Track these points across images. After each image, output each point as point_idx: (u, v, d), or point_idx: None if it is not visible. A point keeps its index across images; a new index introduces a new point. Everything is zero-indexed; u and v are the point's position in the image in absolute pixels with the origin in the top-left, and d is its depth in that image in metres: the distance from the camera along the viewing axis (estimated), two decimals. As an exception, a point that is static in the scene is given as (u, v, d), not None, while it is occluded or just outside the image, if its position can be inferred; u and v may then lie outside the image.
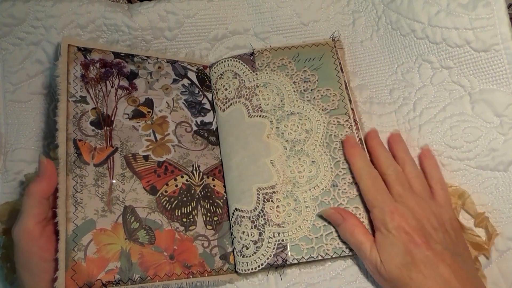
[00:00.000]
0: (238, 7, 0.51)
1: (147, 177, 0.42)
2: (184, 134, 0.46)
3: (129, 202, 0.40)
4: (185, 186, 0.43)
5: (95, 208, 0.39)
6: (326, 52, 0.48)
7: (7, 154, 0.48)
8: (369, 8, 0.49)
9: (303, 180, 0.43)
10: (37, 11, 0.48)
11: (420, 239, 0.36)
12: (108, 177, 0.40)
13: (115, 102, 0.43)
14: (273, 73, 0.48)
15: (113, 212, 0.39)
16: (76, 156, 0.39)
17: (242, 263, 0.42)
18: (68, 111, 0.40)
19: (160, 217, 0.41)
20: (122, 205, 0.40)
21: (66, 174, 0.38)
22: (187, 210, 0.43)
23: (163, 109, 0.46)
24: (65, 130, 0.40)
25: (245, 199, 0.44)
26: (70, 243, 0.36)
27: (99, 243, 0.37)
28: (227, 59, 0.49)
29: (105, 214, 0.39)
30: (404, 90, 0.47)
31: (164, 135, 0.45)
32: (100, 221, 0.38)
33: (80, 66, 0.43)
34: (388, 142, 0.45)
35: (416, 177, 0.41)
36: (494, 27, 0.41)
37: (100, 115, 0.42)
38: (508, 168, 0.43)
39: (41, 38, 0.48)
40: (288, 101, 0.46)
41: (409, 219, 0.37)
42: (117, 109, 0.43)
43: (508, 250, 0.41)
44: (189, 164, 0.45)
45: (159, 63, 0.47)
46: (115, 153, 0.41)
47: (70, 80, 0.41)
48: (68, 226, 0.37)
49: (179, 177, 0.44)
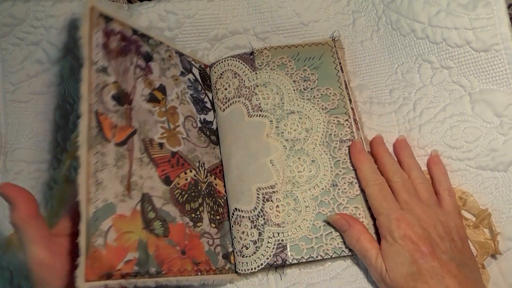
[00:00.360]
0: (238, 7, 0.51)
1: (162, 166, 0.40)
2: (191, 129, 0.44)
3: (147, 189, 0.38)
4: (193, 181, 0.42)
5: (115, 191, 0.35)
6: (326, 52, 0.48)
7: (7, 154, 0.48)
8: (369, 8, 0.49)
9: (303, 179, 0.43)
10: (37, 11, 0.48)
11: (426, 249, 0.36)
12: (128, 159, 0.37)
13: (134, 81, 0.40)
14: (273, 72, 0.48)
15: (132, 198, 0.36)
16: (98, 130, 0.35)
17: (242, 263, 0.42)
18: (91, 79, 0.36)
19: (173, 209, 0.39)
20: (140, 192, 0.37)
21: (87, 149, 0.34)
22: (195, 206, 0.41)
23: (174, 99, 0.44)
24: (88, 100, 0.35)
25: (245, 199, 0.44)
26: (91, 226, 0.32)
27: (118, 230, 0.34)
28: (227, 58, 0.49)
29: (124, 199, 0.36)
30: (404, 90, 0.47)
31: (175, 125, 0.43)
32: (120, 206, 0.35)
33: (102, 33, 0.38)
34: (394, 148, 0.45)
35: (423, 183, 0.41)
36: (494, 27, 0.41)
37: (120, 90, 0.38)
38: (508, 168, 0.43)
39: (41, 38, 0.49)
40: (288, 100, 0.46)
41: (415, 227, 0.37)
42: (136, 89, 0.40)
43: (508, 250, 0.41)
44: (195, 159, 0.43)
45: (170, 52, 0.45)
46: (134, 134, 0.38)
47: (92, 46, 0.37)
48: (89, 208, 0.33)
49: (188, 171, 0.42)
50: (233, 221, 0.44)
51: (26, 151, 0.48)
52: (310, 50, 0.48)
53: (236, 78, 0.48)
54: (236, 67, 0.49)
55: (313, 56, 0.48)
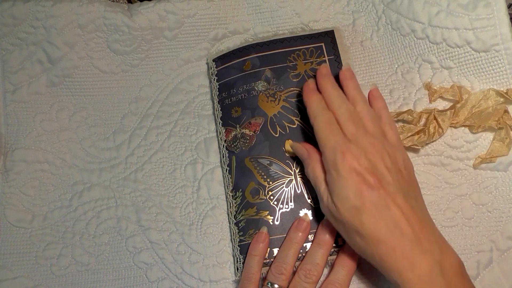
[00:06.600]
0: (238, 7, 0.51)
1: None
2: None
3: None
4: None
5: None
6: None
7: (7, 154, 0.48)
8: (369, 8, 0.49)
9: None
10: (37, 11, 0.48)
11: (372, 179, 0.35)
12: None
13: None
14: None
15: None
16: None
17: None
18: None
19: None
20: None
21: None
22: None
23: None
24: None
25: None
26: None
27: None
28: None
29: None
30: (404, 90, 0.47)
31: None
32: None
33: None
34: (339, 80, 0.44)
35: (368, 115, 0.40)
36: (494, 28, 0.41)
37: None
38: (508, 168, 0.43)
39: (41, 38, 0.48)
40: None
41: (361, 159, 0.36)
42: None
43: (509, 249, 0.41)
44: None
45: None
46: None
47: None
48: None
49: None
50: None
51: (26, 151, 0.48)
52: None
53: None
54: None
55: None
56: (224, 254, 0.45)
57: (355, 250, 0.37)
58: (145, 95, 0.50)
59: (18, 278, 0.45)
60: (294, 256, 0.41)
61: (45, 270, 0.46)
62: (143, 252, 0.46)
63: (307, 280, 0.39)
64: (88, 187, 0.48)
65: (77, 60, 0.49)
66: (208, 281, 0.44)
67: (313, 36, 0.48)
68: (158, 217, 0.46)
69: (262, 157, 0.44)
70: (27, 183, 0.48)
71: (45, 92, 0.49)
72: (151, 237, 0.46)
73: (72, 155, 0.49)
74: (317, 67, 0.46)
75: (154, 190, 0.47)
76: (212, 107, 0.49)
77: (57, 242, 0.46)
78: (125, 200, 0.47)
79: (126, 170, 0.48)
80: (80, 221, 0.47)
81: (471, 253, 0.42)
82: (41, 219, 0.47)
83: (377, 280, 0.42)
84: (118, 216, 0.47)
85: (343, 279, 0.39)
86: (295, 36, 0.48)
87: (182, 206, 0.47)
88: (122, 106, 0.50)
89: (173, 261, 0.45)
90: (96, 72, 0.50)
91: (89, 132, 0.49)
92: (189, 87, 0.50)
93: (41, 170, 0.48)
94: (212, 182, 0.47)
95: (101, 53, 0.50)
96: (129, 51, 0.50)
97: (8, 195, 0.47)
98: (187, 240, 0.45)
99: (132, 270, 0.45)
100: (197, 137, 0.48)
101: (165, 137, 0.49)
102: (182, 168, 0.48)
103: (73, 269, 0.46)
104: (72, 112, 0.50)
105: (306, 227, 0.42)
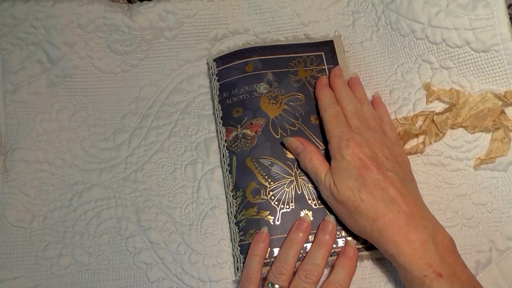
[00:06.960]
0: (238, 7, 0.51)
1: None
2: None
3: None
4: None
5: None
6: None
7: (7, 154, 0.48)
8: (369, 9, 0.49)
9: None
10: (37, 11, 0.48)
11: (372, 164, 0.38)
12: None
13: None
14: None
15: None
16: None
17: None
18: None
19: None
20: None
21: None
22: None
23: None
24: None
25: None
26: None
27: None
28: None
29: None
30: (404, 90, 0.47)
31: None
32: None
33: None
34: (348, 84, 0.47)
35: (371, 115, 0.44)
36: (493, 28, 0.41)
37: None
38: (508, 168, 0.43)
39: (41, 38, 0.48)
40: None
41: (363, 147, 0.39)
42: None
43: (508, 249, 0.41)
44: None
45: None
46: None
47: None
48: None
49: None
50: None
51: (26, 151, 0.48)
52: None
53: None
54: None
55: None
56: (224, 254, 0.45)
57: (354, 231, 0.40)
58: (145, 95, 0.50)
59: (18, 278, 0.45)
60: (295, 256, 0.41)
61: (45, 270, 0.46)
62: (143, 252, 0.46)
63: (307, 281, 0.39)
64: (88, 187, 0.48)
65: (77, 60, 0.49)
66: (208, 281, 0.44)
67: (314, 44, 0.49)
68: (158, 217, 0.46)
69: (264, 157, 0.44)
70: (27, 183, 0.48)
71: (45, 92, 0.49)
72: (151, 237, 0.46)
73: (72, 155, 0.49)
74: (317, 75, 0.47)
75: (154, 190, 0.47)
76: (212, 107, 0.49)
77: (57, 242, 0.46)
78: (125, 200, 0.47)
79: (126, 170, 0.48)
80: (80, 221, 0.47)
81: (471, 253, 0.42)
82: (41, 219, 0.47)
83: (378, 280, 0.43)
84: (118, 216, 0.47)
85: (343, 279, 0.40)
86: (296, 43, 0.49)
87: (182, 206, 0.47)
88: (122, 106, 0.50)
89: (173, 261, 0.45)
90: (96, 72, 0.50)
91: (89, 132, 0.49)
92: (189, 87, 0.50)
93: (41, 170, 0.48)
94: (212, 182, 0.47)
95: (101, 53, 0.50)
96: (129, 51, 0.50)
97: (8, 195, 0.47)
98: (187, 240, 0.45)
99: (132, 270, 0.45)
100: (197, 137, 0.49)
101: (165, 137, 0.49)
102: (182, 168, 0.48)
103: (73, 269, 0.46)
104: (72, 112, 0.50)
105: (307, 227, 0.42)
